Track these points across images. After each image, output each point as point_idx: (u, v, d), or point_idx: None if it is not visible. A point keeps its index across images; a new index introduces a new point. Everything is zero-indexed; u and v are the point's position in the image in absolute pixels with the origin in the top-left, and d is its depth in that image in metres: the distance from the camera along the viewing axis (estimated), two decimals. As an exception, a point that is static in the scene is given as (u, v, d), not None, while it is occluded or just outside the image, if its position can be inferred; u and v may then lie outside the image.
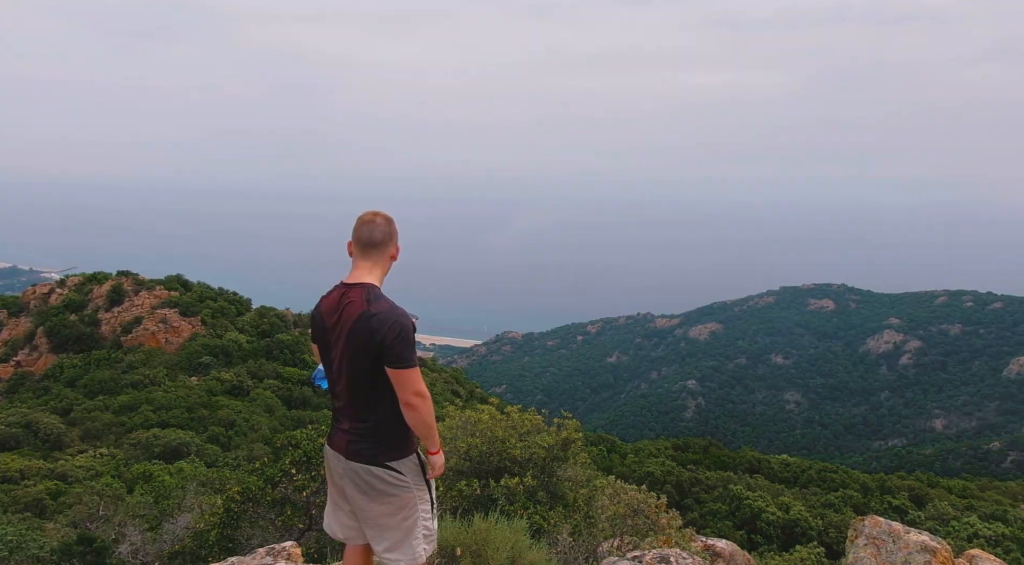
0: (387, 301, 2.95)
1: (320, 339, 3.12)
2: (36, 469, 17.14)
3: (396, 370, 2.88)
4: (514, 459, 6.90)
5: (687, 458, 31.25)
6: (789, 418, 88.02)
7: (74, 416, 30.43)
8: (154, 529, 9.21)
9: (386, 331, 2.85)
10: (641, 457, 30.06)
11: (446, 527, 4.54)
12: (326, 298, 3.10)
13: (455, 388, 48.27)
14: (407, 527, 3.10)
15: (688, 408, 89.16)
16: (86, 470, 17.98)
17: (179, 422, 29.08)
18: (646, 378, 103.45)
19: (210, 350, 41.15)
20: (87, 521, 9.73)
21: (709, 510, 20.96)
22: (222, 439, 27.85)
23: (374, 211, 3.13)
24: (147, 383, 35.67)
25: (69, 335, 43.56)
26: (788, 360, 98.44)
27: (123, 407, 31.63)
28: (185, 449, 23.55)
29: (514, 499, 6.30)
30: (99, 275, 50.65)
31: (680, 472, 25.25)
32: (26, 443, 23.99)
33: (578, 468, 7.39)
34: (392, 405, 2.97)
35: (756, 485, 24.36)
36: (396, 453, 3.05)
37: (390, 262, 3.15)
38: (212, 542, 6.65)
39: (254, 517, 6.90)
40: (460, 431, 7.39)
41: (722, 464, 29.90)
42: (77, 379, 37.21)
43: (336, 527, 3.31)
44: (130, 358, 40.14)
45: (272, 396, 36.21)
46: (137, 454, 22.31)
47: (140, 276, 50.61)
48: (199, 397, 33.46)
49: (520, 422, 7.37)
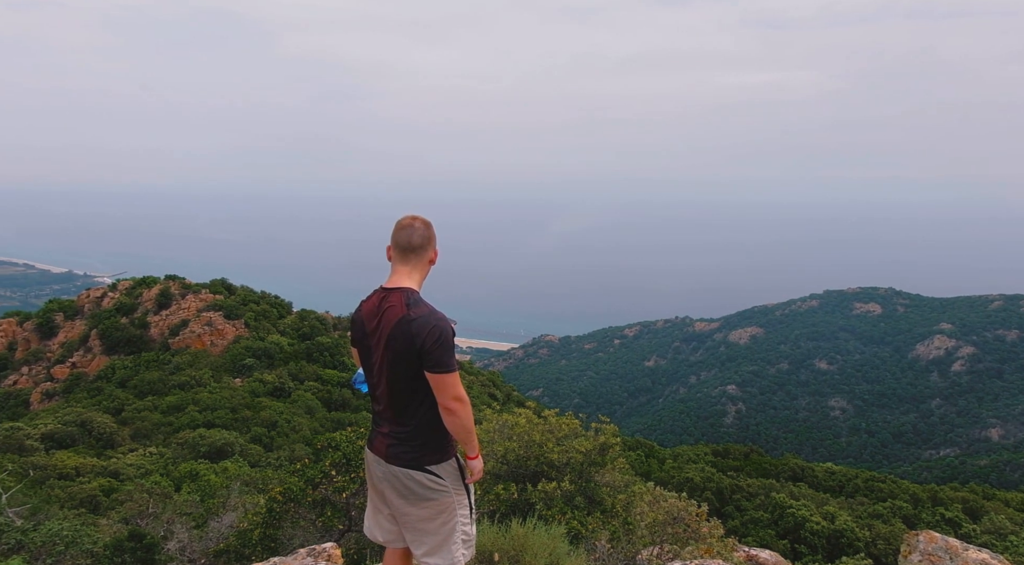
0: (426, 305, 2.96)
1: (360, 343, 3.14)
2: (90, 466, 17.74)
3: (435, 375, 2.88)
4: (551, 463, 6.87)
5: (727, 464, 30.68)
6: (834, 425, 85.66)
7: (125, 416, 31.44)
8: (200, 527, 9.45)
9: (425, 336, 2.85)
10: (680, 463, 29.64)
11: (483, 532, 4.53)
12: (366, 302, 3.12)
13: (492, 391, 48.39)
14: (446, 531, 3.10)
15: (728, 413, 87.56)
16: (136, 468, 18.55)
17: (224, 422, 29.78)
18: (685, 382, 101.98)
19: (253, 352, 42.08)
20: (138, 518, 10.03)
21: (751, 518, 20.53)
22: (264, 439, 28.43)
23: (412, 215, 3.13)
24: (193, 384, 36.65)
25: (120, 337, 45.10)
26: (832, 365, 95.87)
27: (171, 407, 32.56)
28: (229, 449, 24.08)
29: (551, 504, 6.27)
30: (148, 279, 52.31)
31: (720, 479, 24.79)
32: (81, 441, 24.87)
33: (616, 473, 7.32)
34: (432, 409, 2.98)
35: (800, 493, 23.76)
36: (436, 457, 3.05)
37: (429, 266, 3.15)
38: (255, 541, 6.78)
39: (295, 517, 7.01)
40: (497, 434, 7.39)
41: (764, 471, 29.28)
42: (128, 380, 38.48)
43: (376, 530, 3.33)
44: (177, 360, 41.32)
45: (312, 398, 36.82)
46: (184, 453, 22.92)
47: (186, 280, 52.11)
48: (242, 398, 34.23)
49: (557, 426, 7.34)
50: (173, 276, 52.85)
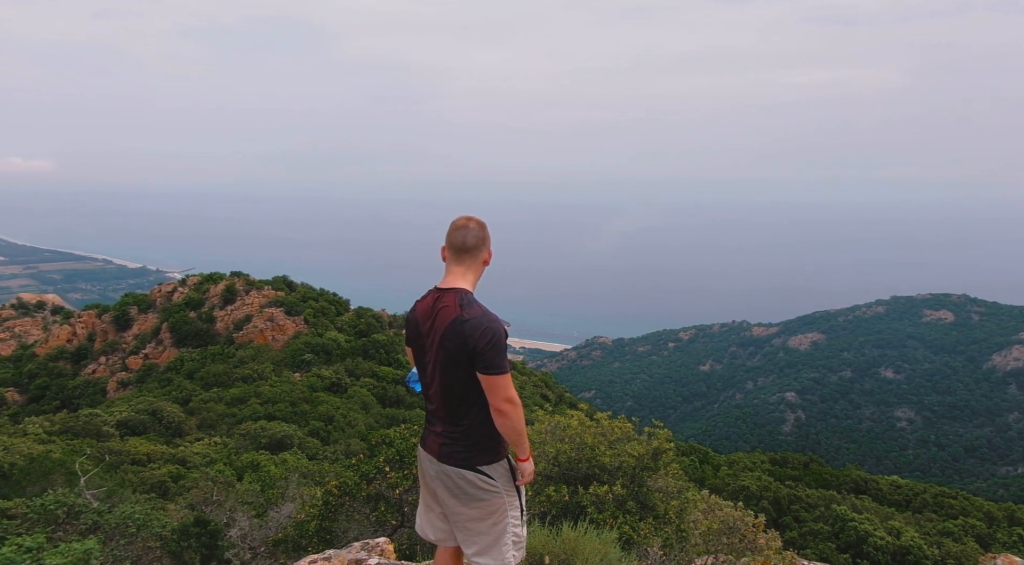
0: (480, 306, 2.97)
1: (414, 343, 3.18)
2: (160, 453, 18.58)
3: (487, 376, 2.89)
4: (603, 467, 6.81)
5: (785, 474, 29.76)
6: (900, 437, 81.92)
7: (192, 406, 32.82)
8: (260, 516, 9.77)
9: (478, 337, 2.87)
10: (736, 470, 28.92)
11: (534, 534, 4.52)
12: (421, 302, 3.16)
13: (544, 392, 48.34)
14: (497, 532, 3.12)
15: (787, 421, 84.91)
16: (202, 457, 19.31)
17: (283, 415, 30.73)
18: (741, 388, 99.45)
19: (312, 348, 43.27)
20: (203, 504, 10.44)
21: (809, 530, 19.85)
22: (322, 433, 29.18)
23: (467, 216, 3.16)
24: (255, 377, 37.95)
25: (188, 331, 47.15)
26: (899, 375, 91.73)
27: (234, 399, 33.81)
28: (288, 441, 24.80)
29: (603, 508, 6.21)
30: (215, 275, 54.51)
31: (778, 488, 24.06)
32: (152, 429, 26.07)
33: (669, 479, 7.20)
34: (484, 410, 2.99)
35: (862, 506, 22.84)
36: (487, 458, 3.07)
37: (483, 267, 3.17)
38: (312, 533, 6.97)
39: (350, 511, 7.17)
40: (549, 436, 7.37)
41: (824, 482, 28.27)
42: (195, 372, 40.17)
43: (428, 528, 3.37)
44: (241, 353, 42.89)
45: (368, 394, 37.59)
46: (246, 444, 23.73)
47: (250, 276, 54.05)
48: (301, 392, 35.24)
49: (610, 429, 7.27)
50: (238, 272, 54.91)
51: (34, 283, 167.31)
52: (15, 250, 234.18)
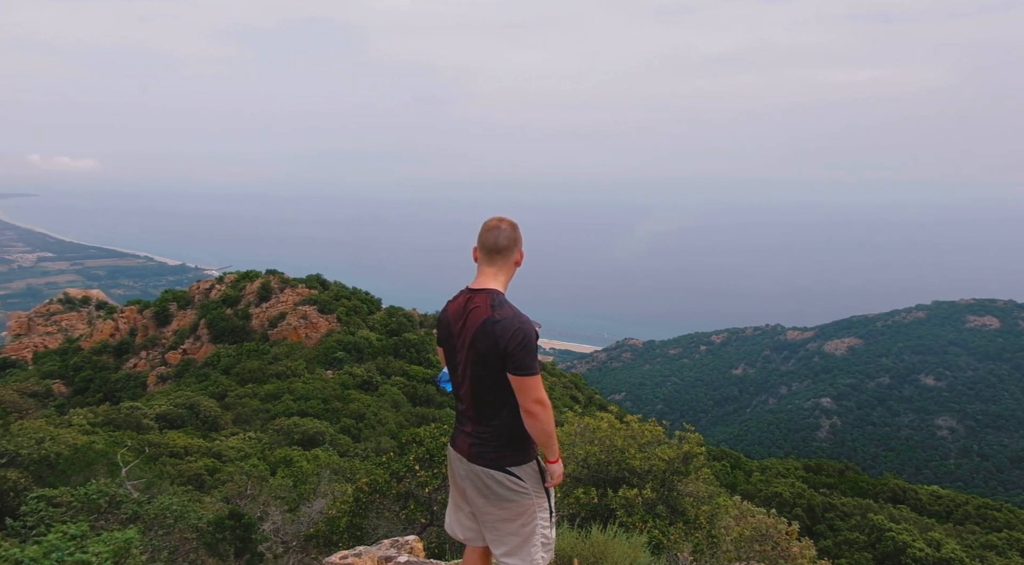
0: (511, 307, 2.97)
1: (445, 343, 3.19)
2: (197, 447, 19.01)
3: (518, 377, 2.90)
4: (633, 470, 6.76)
5: (820, 481, 29.17)
6: (941, 446, 79.53)
7: (228, 401, 33.51)
8: (293, 511, 9.93)
9: (509, 338, 2.87)
10: (768, 476, 28.43)
11: (563, 536, 4.51)
12: (452, 303, 3.17)
13: (574, 393, 48.17)
14: (526, 533, 3.12)
15: (821, 427, 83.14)
16: (237, 451, 19.69)
17: (315, 412, 31.18)
18: (775, 393, 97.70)
19: (344, 346, 43.83)
20: (237, 498, 10.65)
21: (844, 539, 19.43)
22: (353, 430, 29.53)
23: (499, 217, 3.16)
24: (289, 374, 38.58)
25: (225, 327, 48.18)
26: (941, 382, 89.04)
27: (268, 395, 34.43)
28: (320, 438, 25.15)
29: (632, 511, 6.17)
30: (251, 273, 55.61)
31: (812, 495, 23.59)
32: (189, 423, 26.69)
33: (700, 484, 7.12)
34: (514, 411, 2.99)
35: (900, 516, 22.25)
36: (517, 458, 3.07)
37: (514, 268, 3.17)
38: (343, 529, 7.06)
39: (380, 508, 7.25)
40: (578, 438, 7.35)
41: (860, 490, 27.64)
42: (231, 368, 41.02)
43: (457, 528, 3.39)
44: (275, 350, 43.66)
45: (398, 392, 37.92)
46: (279, 439, 24.14)
47: (285, 275, 55.01)
48: (333, 390, 35.71)
49: (640, 432, 7.22)
50: (273, 270, 55.91)
51: (80, 279, 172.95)
52: (63, 247, 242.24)
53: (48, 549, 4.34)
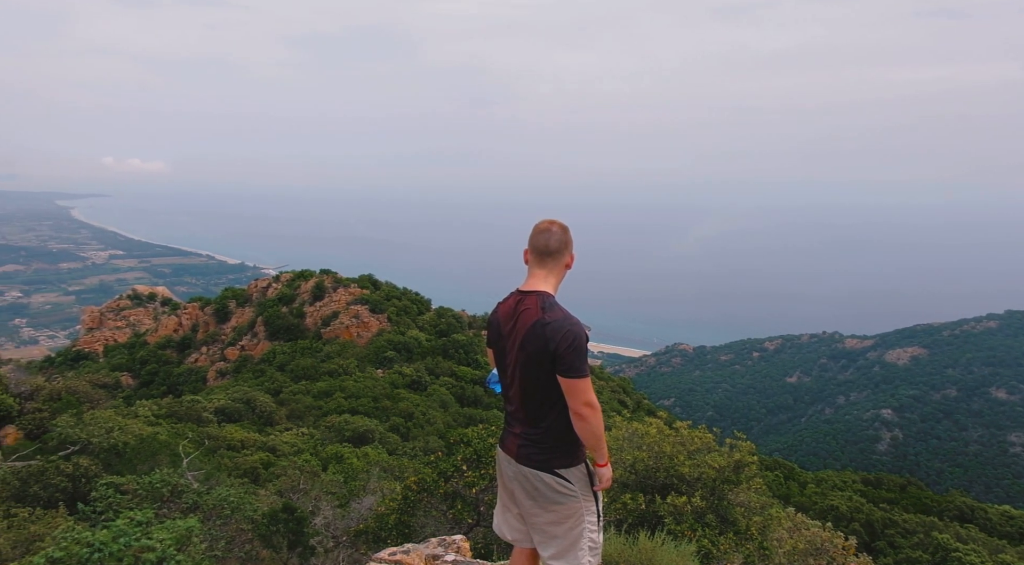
0: (561, 310, 2.98)
1: (495, 344, 3.21)
2: (253, 441, 19.56)
3: (567, 379, 2.90)
4: (682, 477, 6.65)
5: (880, 495, 28.05)
6: (1014, 463, 75.32)
7: (282, 397, 34.43)
8: (343, 506, 10.14)
9: (559, 340, 2.88)
10: (824, 488, 27.52)
11: (610, 541, 4.48)
12: (502, 304, 3.19)
13: (622, 398, 47.69)
14: (573, 536, 3.11)
15: (882, 440, 79.89)
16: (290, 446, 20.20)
17: (366, 410, 31.73)
18: (831, 402, 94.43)
19: (394, 345, 44.51)
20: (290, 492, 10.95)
21: (907, 557, 18.62)
22: (402, 429, 29.92)
23: (550, 220, 3.17)
24: (341, 372, 39.40)
25: (281, 325, 49.62)
26: (1015, 396, 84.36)
27: (321, 392, 35.22)
28: (370, 435, 25.57)
29: (681, 519, 6.07)
30: (306, 272, 57.11)
31: (871, 510, 22.70)
32: (246, 417, 27.52)
33: (751, 493, 6.95)
34: (563, 413, 2.99)
35: (968, 536, 21.17)
36: (565, 461, 3.07)
37: (565, 270, 3.18)
38: (391, 526, 7.17)
39: (428, 507, 7.33)
40: (626, 443, 7.28)
41: (924, 507, 26.44)
42: (286, 364, 42.18)
43: (505, 528, 3.40)
44: (328, 349, 44.68)
45: (447, 393, 38.24)
46: (330, 436, 24.65)
47: (338, 274, 56.27)
48: (383, 388, 36.28)
49: (689, 439, 7.10)
50: (327, 270, 57.27)
51: (147, 276, 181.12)
52: (132, 245, 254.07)
53: (116, 534, 4.56)
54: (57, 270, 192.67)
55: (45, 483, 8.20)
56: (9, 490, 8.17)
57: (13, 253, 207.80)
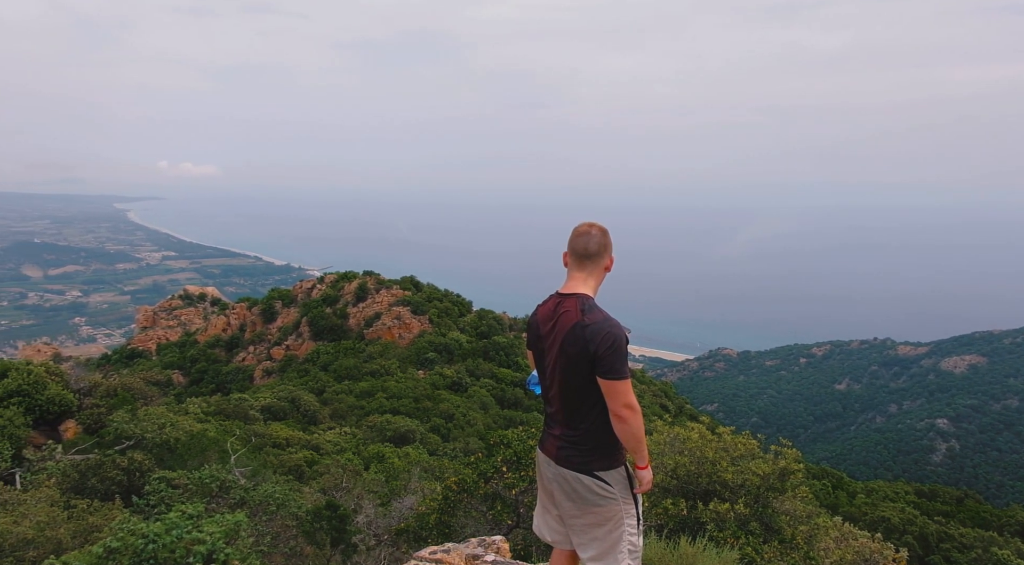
0: (601, 312, 2.98)
1: (535, 346, 3.23)
2: (297, 439, 20.00)
3: (607, 381, 2.89)
4: (724, 483, 6.54)
5: (935, 508, 26.99)
6: (1081, 477, 71.59)
7: (326, 396, 35.09)
8: (384, 505, 10.28)
9: (599, 341, 2.87)
10: (874, 499, 26.65)
11: (650, 546, 4.43)
12: (542, 307, 3.21)
13: (664, 402, 47.09)
14: (613, 539, 3.09)
15: (937, 451, 76.84)
16: (333, 445, 20.57)
17: (407, 410, 32.07)
18: (883, 411, 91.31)
19: (435, 347, 44.88)
20: (333, 490, 11.15)
21: (962, 573, 17.87)
22: (442, 430, 30.14)
23: (590, 223, 3.17)
24: (382, 373, 39.93)
25: (325, 326, 50.58)
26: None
27: (363, 392, 35.76)
28: (411, 436, 25.84)
29: (724, 526, 5.96)
30: (349, 274, 58.09)
31: (925, 523, 21.86)
32: (291, 416, 28.15)
33: (797, 502, 6.78)
34: (602, 415, 2.99)
35: (1030, 553, 20.18)
36: (605, 463, 3.06)
37: (604, 273, 3.17)
38: (432, 525, 7.24)
39: (468, 507, 7.38)
40: (668, 447, 7.19)
41: (982, 521, 25.33)
42: (329, 364, 42.97)
43: (544, 530, 3.41)
44: (370, 349, 45.34)
45: (487, 394, 38.37)
46: (372, 436, 25.00)
47: (381, 276, 57.04)
48: (424, 389, 36.62)
49: (732, 445, 6.97)
50: (370, 271, 58.11)
51: (198, 277, 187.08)
52: (184, 246, 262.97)
53: (169, 526, 4.73)
54: (114, 270, 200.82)
55: (102, 476, 8.55)
56: (69, 482, 8.55)
57: (74, 254, 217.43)
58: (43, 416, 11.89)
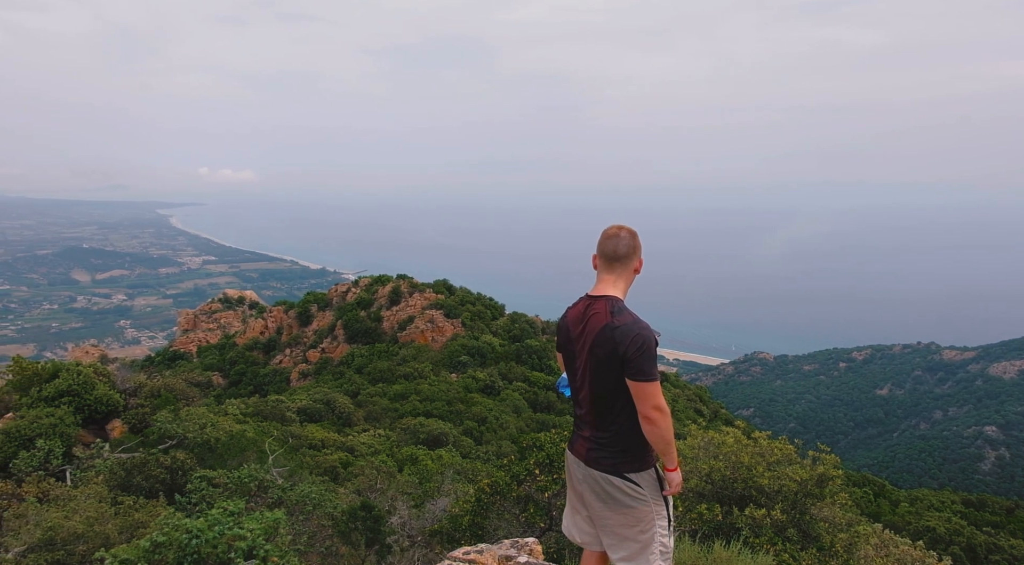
0: (630, 314, 2.99)
1: (565, 348, 3.25)
2: (332, 440, 20.30)
3: (636, 383, 2.90)
4: (760, 489, 6.45)
5: (983, 518, 26.10)
6: None
7: (360, 399, 35.52)
8: (418, 507, 10.38)
9: (628, 343, 2.89)
10: (918, 508, 25.88)
11: (684, 550, 4.41)
12: (572, 309, 3.23)
13: (698, 407, 46.45)
14: (644, 540, 3.10)
15: (985, 459, 74.19)
16: (368, 447, 20.81)
17: (440, 413, 32.27)
18: (927, 417, 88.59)
19: (468, 350, 45.07)
20: (368, 491, 11.31)
21: (1012, 586, 17.24)
22: (475, 433, 30.24)
23: (619, 225, 3.19)
24: (416, 376, 40.24)
25: (359, 329, 51.21)
26: None
27: (397, 395, 36.10)
28: (444, 438, 25.98)
29: (759, 532, 5.88)
30: (383, 278, 58.72)
31: (973, 534, 21.15)
32: (326, 417, 28.57)
33: (836, 509, 6.65)
34: (632, 417, 3.00)
35: (1085, 567, 19.38)
36: (635, 465, 3.07)
37: (633, 275, 3.18)
38: (465, 527, 7.30)
39: (500, 510, 7.41)
40: (702, 452, 7.12)
41: (1033, 533, 24.39)
42: (363, 367, 43.48)
43: (574, 531, 3.42)
44: (403, 352, 45.74)
45: (519, 398, 38.37)
46: (406, 438, 25.20)
47: (414, 279, 57.52)
48: (457, 392, 36.80)
49: (769, 450, 6.87)
50: (403, 275, 58.66)
51: (236, 281, 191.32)
52: (223, 251, 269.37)
53: (212, 522, 4.88)
54: (157, 275, 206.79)
55: (147, 474, 8.82)
56: (116, 480, 8.83)
57: (120, 259, 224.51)
58: (91, 415, 12.31)
